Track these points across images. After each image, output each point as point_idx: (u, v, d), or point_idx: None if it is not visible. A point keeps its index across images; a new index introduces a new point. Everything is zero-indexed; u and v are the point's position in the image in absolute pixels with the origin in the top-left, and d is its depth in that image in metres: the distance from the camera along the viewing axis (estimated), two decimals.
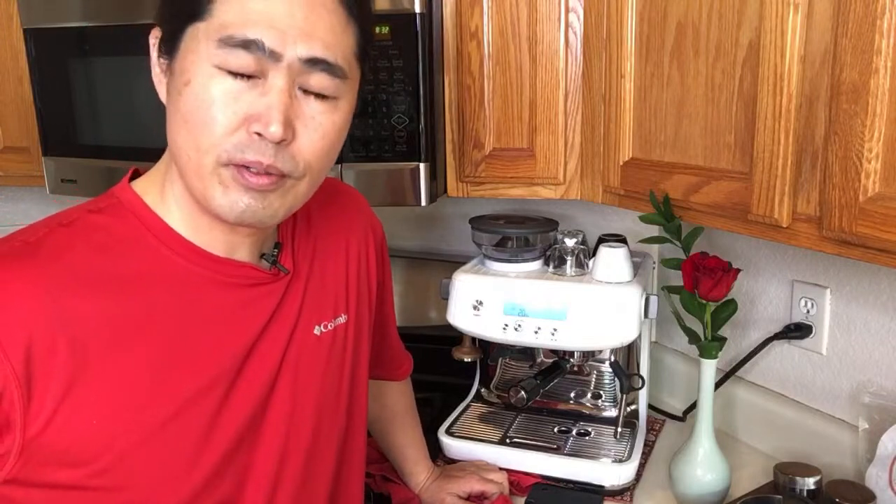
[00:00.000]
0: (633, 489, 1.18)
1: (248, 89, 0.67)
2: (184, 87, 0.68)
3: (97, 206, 0.75)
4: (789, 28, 0.81)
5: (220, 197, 0.69)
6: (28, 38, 1.34)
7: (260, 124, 0.67)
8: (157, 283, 0.73)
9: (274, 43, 0.66)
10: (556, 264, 1.22)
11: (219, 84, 0.67)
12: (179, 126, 0.69)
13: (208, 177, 0.69)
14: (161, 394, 0.72)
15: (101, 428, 0.68)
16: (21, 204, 1.90)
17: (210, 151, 0.68)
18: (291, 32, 0.66)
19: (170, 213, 0.75)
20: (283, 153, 0.69)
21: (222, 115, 0.67)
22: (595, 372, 1.33)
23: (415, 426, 1.20)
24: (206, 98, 0.67)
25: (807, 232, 0.84)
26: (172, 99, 0.70)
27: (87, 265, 0.70)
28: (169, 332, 0.73)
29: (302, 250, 0.86)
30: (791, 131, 0.83)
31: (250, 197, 0.69)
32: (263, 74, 0.67)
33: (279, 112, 0.67)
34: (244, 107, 0.67)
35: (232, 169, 0.68)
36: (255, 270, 0.79)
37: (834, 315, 1.17)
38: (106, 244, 0.72)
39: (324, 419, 0.87)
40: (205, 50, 0.66)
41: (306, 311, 0.84)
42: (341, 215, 0.94)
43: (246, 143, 0.67)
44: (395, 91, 1.16)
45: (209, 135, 0.67)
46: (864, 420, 1.10)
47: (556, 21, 1.17)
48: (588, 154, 1.20)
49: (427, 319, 1.58)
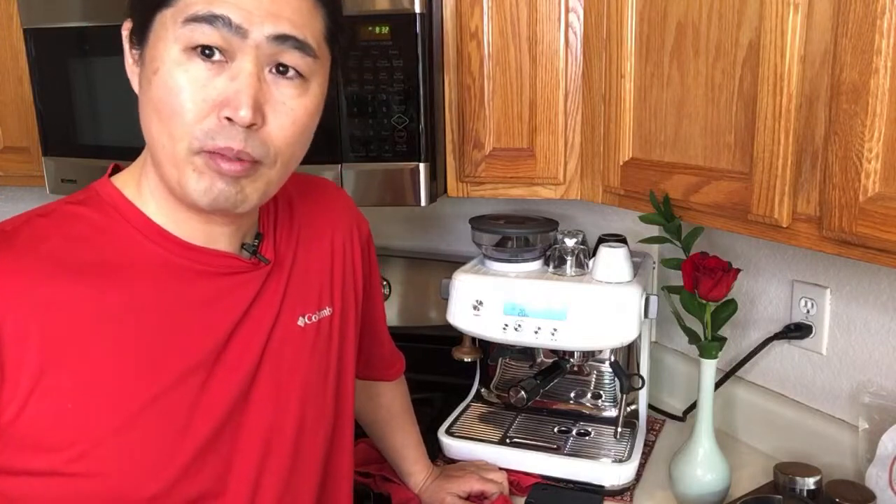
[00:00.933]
0: (633, 489, 1.18)
1: (217, 74, 0.67)
2: (153, 75, 0.68)
3: (76, 199, 0.76)
4: (789, 28, 0.81)
5: (193, 183, 0.70)
6: (28, 38, 1.34)
7: (229, 108, 0.67)
8: (134, 271, 0.73)
9: (240, 19, 0.66)
10: (556, 264, 1.22)
11: (187, 70, 0.67)
12: (151, 115, 0.69)
13: (182, 164, 0.69)
14: (139, 379, 0.72)
15: (77, 413, 0.69)
16: (21, 204, 1.89)
17: (182, 139, 0.68)
18: (258, 13, 0.67)
19: (147, 205, 0.76)
20: (254, 138, 0.69)
21: (191, 101, 0.67)
22: (595, 372, 1.33)
23: (412, 426, 1.20)
24: (175, 85, 0.67)
25: (807, 232, 0.84)
26: (144, 89, 0.70)
27: (63, 253, 0.71)
28: (147, 319, 0.73)
29: (284, 241, 0.86)
30: (791, 131, 0.83)
31: (224, 182, 0.70)
32: (231, 56, 0.67)
33: (248, 96, 0.67)
34: (213, 92, 0.67)
35: (204, 156, 0.69)
36: (233, 259, 0.79)
37: (834, 315, 1.17)
38: (83, 233, 0.73)
39: (309, 411, 0.86)
40: (172, 33, 0.67)
41: (289, 301, 0.84)
42: (327, 211, 0.95)
43: (216, 130, 0.68)
44: (395, 91, 1.16)
45: (180, 122, 0.68)
46: (864, 420, 1.10)
47: (556, 21, 1.17)
48: (588, 154, 1.20)
49: (427, 319, 1.57)
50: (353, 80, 1.17)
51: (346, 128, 1.19)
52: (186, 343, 0.75)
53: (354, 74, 1.16)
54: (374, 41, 1.15)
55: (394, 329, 1.16)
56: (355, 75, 1.17)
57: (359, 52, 1.16)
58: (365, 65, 1.16)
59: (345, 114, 1.18)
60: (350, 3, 1.15)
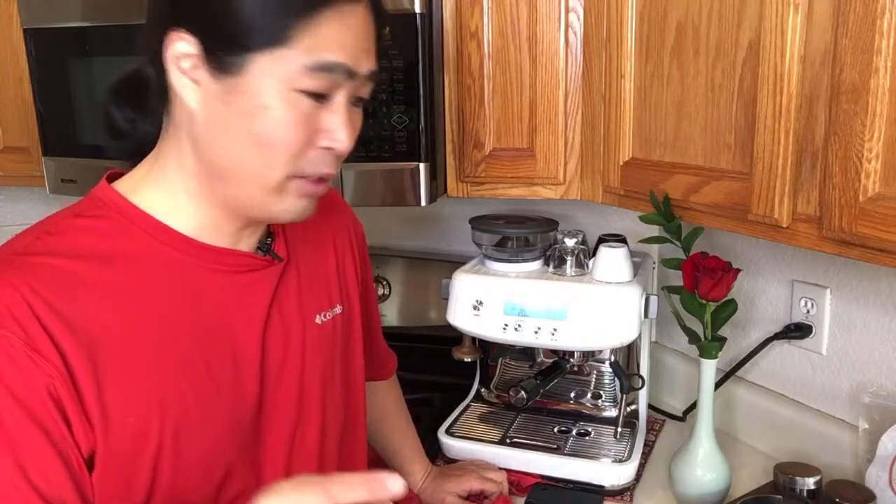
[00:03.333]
0: (633, 489, 1.19)
1: (319, 109, 0.70)
2: (259, 109, 0.68)
3: (81, 210, 0.75)
4: (789, 28, 0.81)
5: (279, 204, 0.73)
6: (28, 38, 1.34)
7: (329, 139, 0.71)
8: (153, 277, 0.73)
9: (352, 64, 0.70)
10: (556, 264, 1.22)
11: (297, 107, 0.69)
12: (247, 144, 0.70)
13: (273, 189, 0.72)
14: (180, 388, 0.72)
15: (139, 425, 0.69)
16: (21, 204, 1.90)
17: (283, 168, 0.71)
18: (363, 53, 0.71)
19: (169, 211, 0.75)
20: (337, 160, 0.74)
21: (300, 136, 0.70)
22: (595, 372, 1.33)
23: (407, 425, 1.20)
24: (287, 121, 0.69)
25: (807, 232, 0.84)
26: (236, 116, 0.69)
27: (81, 270, 0.70)
28: (177, 321, 0.73)
29: (292, 241, 0.87)
30: (791, 131, 0.83)
31: (307, 200, 0.74)
32: (333, 92, 0.71)
33: (349, 128, 0.72)
34: (314, 125, 0.70)
35: (299, 181, 0.72)
36: (249, 258, 0.80)
37: (834, 315, 1.17)
38: (97, 248, 0.72)
39: (328, 410, 0.88)
40: (286, 74, 0.67)
41: (305, 299, 0.85)
42: (326, 212, 0.95)
43: (319, 158, 0.72)
44: (395, 91, 1.16)
45: (285, 154, 0.70)
46: (864, 420, 1.10)
47: (556, 21, 1.17)
48: (588, 154, 1.20)
49: (427, 319, 1.57)
50: None
51: None
52: (219, 342, 0.76)
53: None
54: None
55: (394, 329, 1.16)
56: None
57: None
58: None
59: None
60: None
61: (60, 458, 0.65)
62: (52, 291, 0.67)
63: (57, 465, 0.65)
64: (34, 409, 0.64)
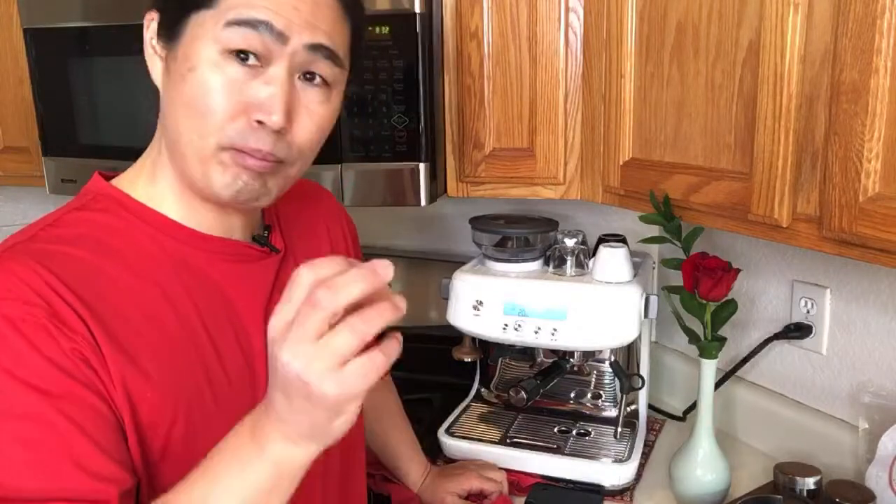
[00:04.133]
0: (633, 489, 1.19)
1: (252, 78, 0.69)
2: (188, 72, 0.69)
3: (81, 205, 0.76)
4: (789, 28, 0.81)
5: (218, 176, 0.71)
6: (28, 38, 1.34)
7: (262, 113, 0.69)
8: (157, 266, 0.73)
9: (282, 26, 0.68)
10: (556, 264, 1.22)
11: (223, 71, 0.68)
12: (180, 110, 0.70)
13: (208, 159, 0.70)
14: (192, 369, 0.72)
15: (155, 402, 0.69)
16: (21, 204, 1.90)
17: (212, 135, 0.69)
18: (297, 21, 0.68)
19: (162, 201, 0.76)
20: (281, 141, 0.71)
21: (226, 102, 0.68)
22: (595, 372, 1.33)
23: (404, 424, 1.20)
24: (211, 85, 0.68)
25: (807, 232, 0.84)
26: (173, 84, 0.71)
27: (91, 258, 0.70)
28: (184, 311, 0.73)
29: (288, 234, 0.87)
30: (791, 131, 0.83)
31: (248, 176, 0.71)
32: (267, 62, 0.69)
33: (282, 102, 0.69)
34: (246, 95, 0.69)
35: (232, 152, 0.70)
36: (248, 248, 0.80)
37: (834, 315, 1.17)
38: (100, 238, 0.72)
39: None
40: (211, 34, 0.68)
41: None
42: (318, 208, 0.97)
43: (247, 131, 0.69)
44: (395, 91, 1.16)
45: (212, 120, 0.69)
46: (864, 420, 1.10)
47: (556, 21, 1.17)
48: (588, 154, 1.20)
49: (427, 319, 1.57)
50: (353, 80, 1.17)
51: (346, 128, 1.19)
52: (227, 333, 0.76)
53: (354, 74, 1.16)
54: (374, 41, 1.14)
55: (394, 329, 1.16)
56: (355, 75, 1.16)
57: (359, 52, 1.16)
58: (365, 65, 1.16)
59: (345, 114, 1.18)
60: None
61: (110, 416, 0.66)
62: (67, 273, 0.67)
63: (110, 422, 0.66)
64: (75, 373, 0.64)
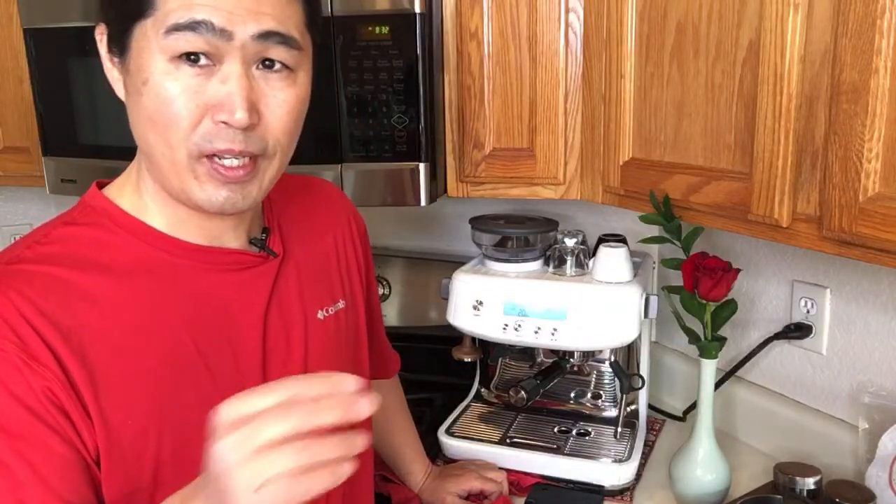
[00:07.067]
0: (633, 489, 1.19)
1: (207, 79, 0.67)
2: (142, 85, 0.67)
3: (71, 218, 0.75)
4: (789, 28, 0.81)
5: (198, 191, 0.70)
6: (28, 38, 1.34)
7: (224, 112, 0.67)
8: (146, 281, 0.73)
9: (223, 22, 0.65)
10: (556, 264, 1.22)
11: (177, 78, 0.66)
12: (146, 124, 0.69)
13: (184, 172, 0.69)
14: (179, 389, 0.72)
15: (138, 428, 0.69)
16: (21, 204, 1.90)
17: (181, 146, 0.68)
18: (239, 12, 0.66)
19: (148, 213, 0.75)
20: (252, 136, 0.69)
21: (185, 109, 0.67)
22: (595, 372, 1.33)
23: (409, 425, 1.20)
24: (167, 95, 0.67)
25: (807, 232, 0.84)
26: (133, 98, 0.70)
27: (74, 278, 0.70)
28: (172, 325, 0.73)
29: (289, 236, 0.86)
30: (791, 131, 0.83)
31: (228, 189, 0.70)
32: (218, 60, 0.67)
33: (242, 98, 0.67)
34: (205, 97, 0.67)
35: (206, 163, 0.69)
36: (242, 255, 0.79)
37: (834, 315, 1.17)
38: (88, 255, 0.72)
39: None
40: (155, 44, 0.66)
41: (306, 294, 0.85)
42: (325, 207, 0.95)
43: (213, 133, 0.67)
44: (395, 91, 1.16)
45: (176, 130, 0.67)
46: (864, 420, 1.10)
47: (556, 21, 1.17)
48: (588, 154, 1.20)
49: (427, 319, 1.57)
50: (353, 80, 1.17)
51: (346, 128, 1.19)
52: (218, 342, 0.75)
53: (354, 74, 1.16)
54: (374, 41, 1.15)
55: (394, 329, 1.16)
56: (355, 75, 1.17)
57: (359, 52, 1.15)
58: (365, 65, 1.16)
59: (345, 114, 1.18)
60: (350, 3, 1.15)
61: (72, 457, 0.65)
62: (44, 299, 0.67)
63: (71, 464, 0.65)
64: (40, 412, 0.64)
